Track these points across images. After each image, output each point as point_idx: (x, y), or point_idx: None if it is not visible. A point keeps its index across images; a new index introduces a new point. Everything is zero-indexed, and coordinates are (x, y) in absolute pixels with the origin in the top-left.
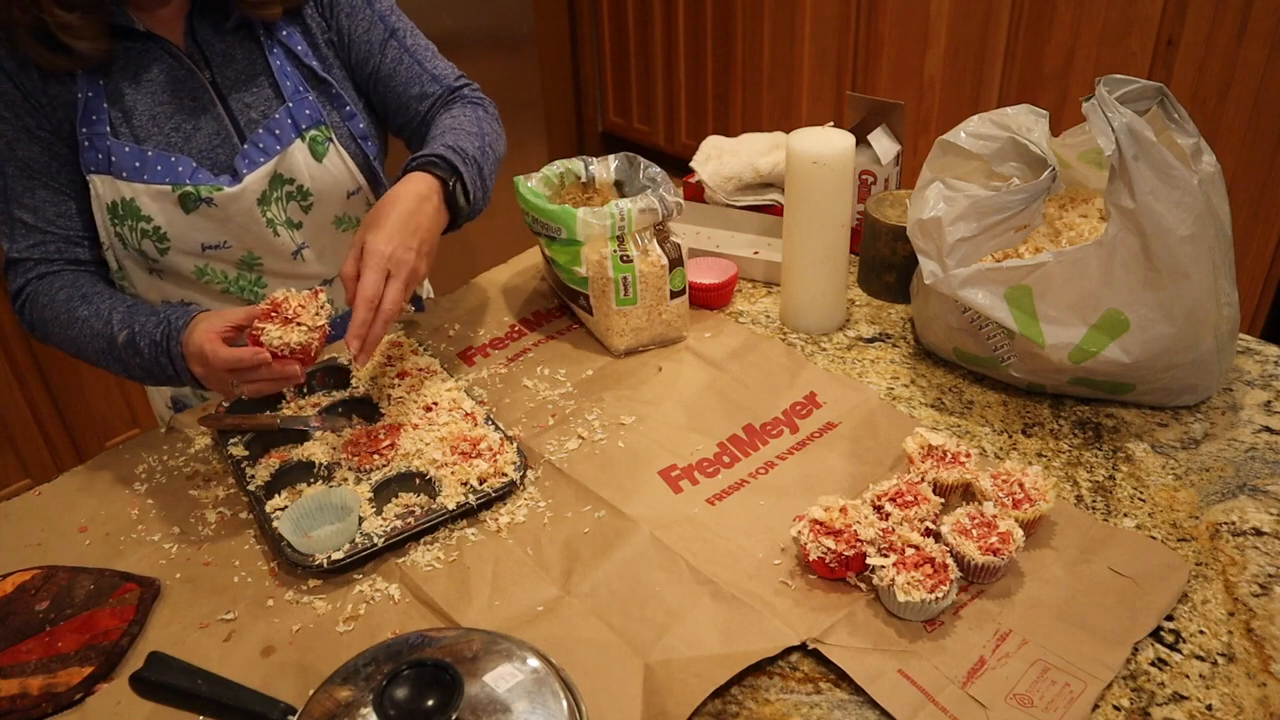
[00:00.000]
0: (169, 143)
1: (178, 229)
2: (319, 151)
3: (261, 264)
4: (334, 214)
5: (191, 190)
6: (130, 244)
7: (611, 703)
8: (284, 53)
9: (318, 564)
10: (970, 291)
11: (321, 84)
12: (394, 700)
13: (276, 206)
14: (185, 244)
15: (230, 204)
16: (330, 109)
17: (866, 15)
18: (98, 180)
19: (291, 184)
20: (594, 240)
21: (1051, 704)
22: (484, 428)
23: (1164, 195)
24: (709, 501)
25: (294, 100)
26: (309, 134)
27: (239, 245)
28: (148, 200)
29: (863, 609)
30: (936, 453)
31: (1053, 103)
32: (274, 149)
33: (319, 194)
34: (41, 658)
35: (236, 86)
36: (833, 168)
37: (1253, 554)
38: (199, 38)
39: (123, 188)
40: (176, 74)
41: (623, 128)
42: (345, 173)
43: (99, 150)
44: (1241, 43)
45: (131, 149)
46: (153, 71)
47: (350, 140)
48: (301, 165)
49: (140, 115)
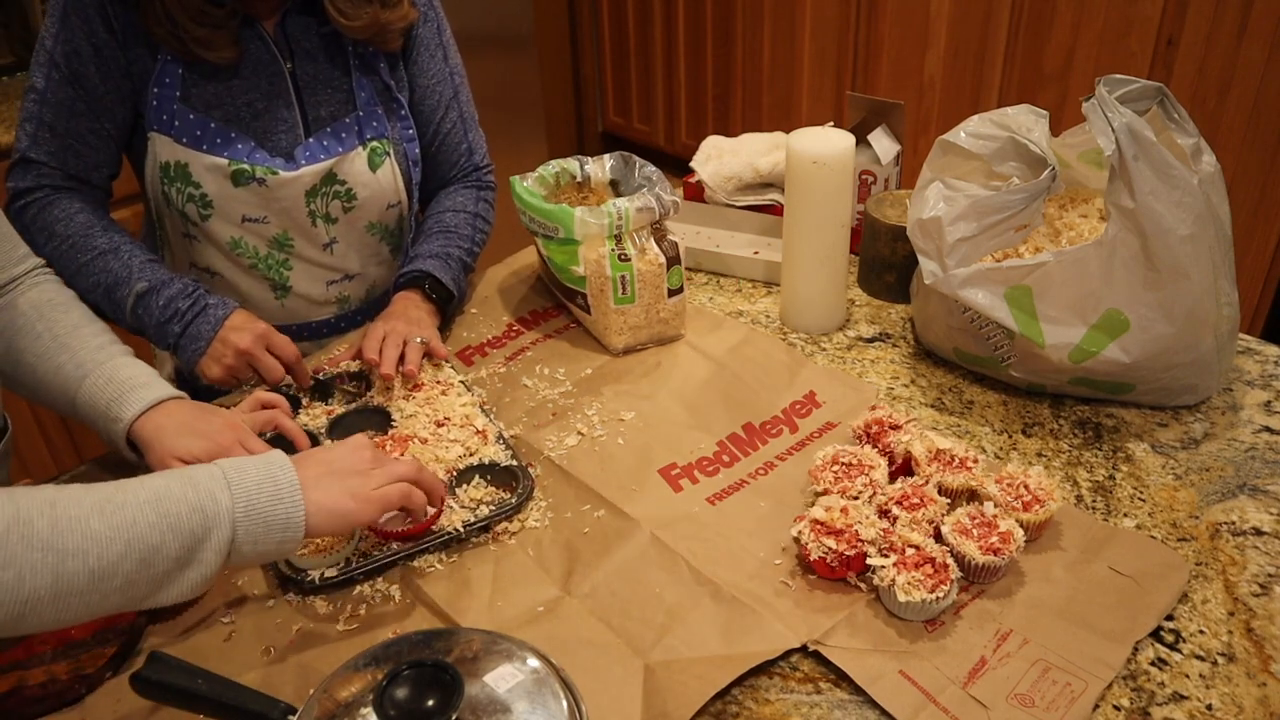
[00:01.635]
0: (236, 117)
1: (224, 199)
2: (376, 162)
3: (293, 246)
4: (370, 219)
5: (246, 168)
6: (175, 205)
7: (611, 703)
8: (364, 65)
9: (310, 580)
10: (970, 291)
11: (393, 102)
12: (394, 700)
13: (321, 200)
14: (228, 214)
15: (280, 188)
16: (395, 126)
17: (866, 15)
18: (158, 139)
19: (342, 185)
20: (591, 239)
21: (1053, 704)
22: (494, 446)
23: (1164, 195)
24: (709, 501)
25: (364, 110)
26: (371, 144)
27: (277, 223)
28: (201, 169)
29: (863, 609)
30: (943, 456)
31: (1053, 103)
32: (335, 150)
33: (364, 200)
34: (57, 647)
35: (313, 84)
36: (833, 168)
37: (1253, 554)
38: (289, 30)
39: (180, 152)
40: (261, 57)
41: (623, 128)
42: (393, 187)
43: (164, 112)
44: (1241, 43)
45: (196, 117)
46: (238, 49)
47: (405, 159)
48: (356, 171)
49: (215, 85)
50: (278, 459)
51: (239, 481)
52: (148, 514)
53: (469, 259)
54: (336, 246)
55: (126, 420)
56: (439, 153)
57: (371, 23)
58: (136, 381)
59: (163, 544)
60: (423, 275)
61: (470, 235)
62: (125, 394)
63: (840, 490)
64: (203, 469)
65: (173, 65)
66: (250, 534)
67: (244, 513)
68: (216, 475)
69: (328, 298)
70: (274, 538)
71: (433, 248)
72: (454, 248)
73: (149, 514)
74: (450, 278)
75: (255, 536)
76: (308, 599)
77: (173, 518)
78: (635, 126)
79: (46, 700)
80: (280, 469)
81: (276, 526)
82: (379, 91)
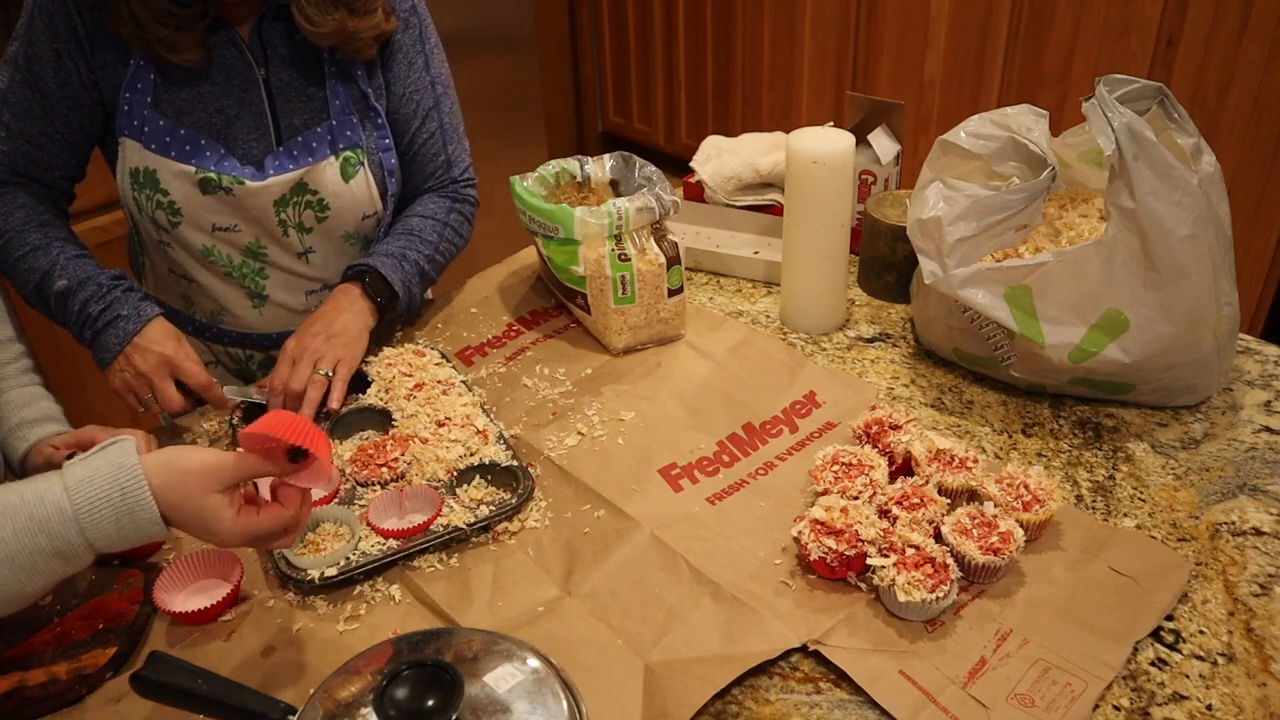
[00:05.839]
0: (207, 124)
1: (192, 207)
2: (349, 173)
3: (267, 255)
4: (346, 230)
5: (214, 177)
6: (145, 211)
7: (611, 703)
8: (341, 73)
9: (310, 580)
10: (970, 291)
11: (370, 111)
12: (394, 700)
13: (293, 209)
14: (197, 221)
15: (248, 197)
16: (370, 135)
17: (866, 15)
18: (128, 144)
19: (314, 195)
20: (591, 239)
21: (1053, 704)
22: (494, 446)
23: (1164, 195)
24: (709, 500)
25: (338, 119)
26: (344, 154)
27: (249, 232)
28: (169, 175)
29: (863, 609)
30: (943, 456)
31: (1053, 103)
32: (306, 160)
33: (337, 210)
34: (57, 647)
35: (287, 92)
36: (833, 168)
37: (1253, 554)
38: (265, 36)
39: (148, 158)
40: (234, 63)
41: (623, 128)
42: (368, 197)
43: (135, 117)
44: (1241, 43)
45: (166, 123)
46: (212, 54)
47: (380, 169)
48: (328, 181)
49: (187, 91)
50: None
51: (90, 515)
52: (2, 572)
53: (428, 266)
54: (313, 256)
55: None
56: (414, 162)
57: (338, 29)
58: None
59: (26, 588)
60: (366, 270)
61: (435, 242)
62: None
63: (840, 490)
64: (51, 507)
65: (145, 70)
66: (112, 546)
67: (104, 542)
68: (67, 519)
69: (307, 307)
70: (138, 540)
71: (389, 247)
72: (413, 251)
73: (3, 571)
74: (400, 279)
75: (117, 545)
76: (308, 599)
77: (29, 569)
78: (635, 126)
79: (46, 700)
80: (134, 490)
81: (138, 537)
82: (355, 100)
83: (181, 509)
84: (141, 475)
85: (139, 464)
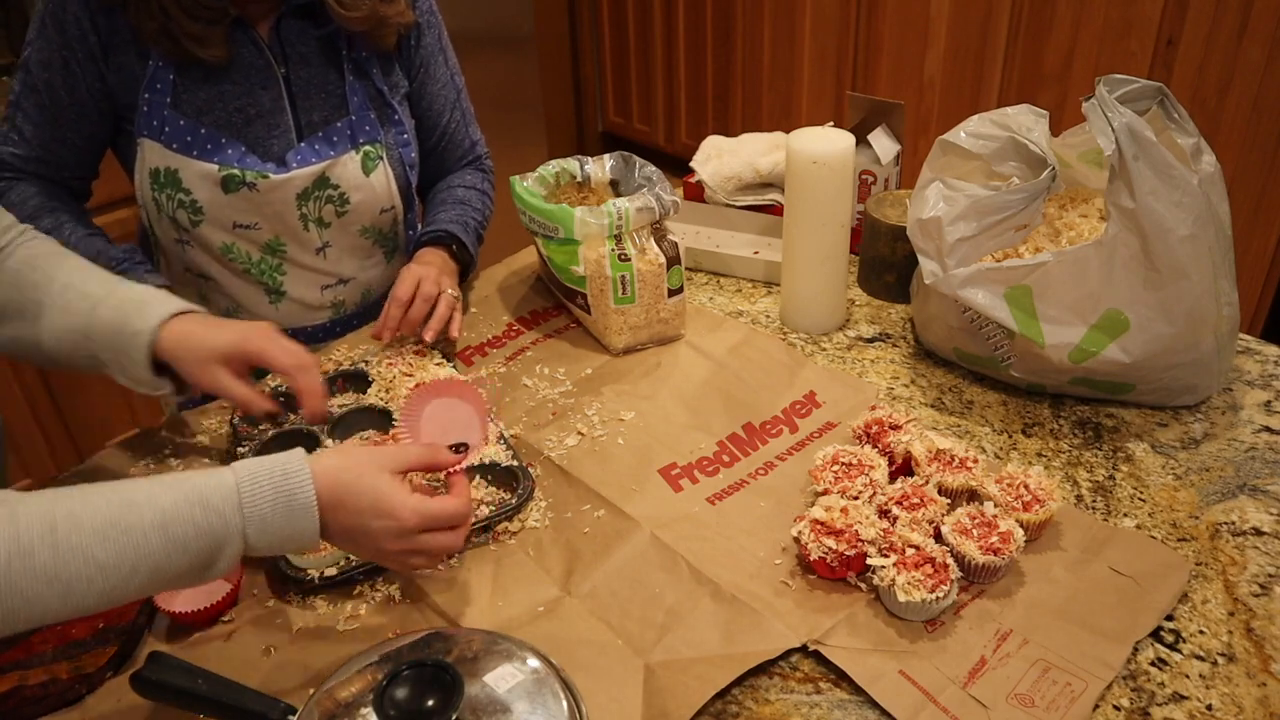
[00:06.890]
0: (228, 122)
1: (214, 206)
2: (369, 166)
3: (286, 251)
4: (364, 224)
5: (237, 173)
6: (165, 210)
7: (611, 703)
8: (358, 70)
9: (310, 580)
10: (970, 291)
11: (387, 108)
12: (394, 700)
13: (314, 203)
14: (219, 220)
15: (271, 191)
16: (388, 131)
17: (866, 15)
18: (147, 145)
19: (335, 189)
20: (591, 239)
21: (1053, 704)
22: (494, 446)
23: (1164, 195)
24: (709, 500)
25: (358, 114)
26: (364, 148)
27: (269, 229)
28: (191, 176)
29: (863, 609)
30: (943, 456)
31: (1053, 103)
32: (328, 154)
33: (357, 204)
34: (58, 646)
35: (307, 88)
36: (833, 168)
37: (1253, 554)
38: (284, 35)
39: (170, 158)
40: (254, 61)
41: (623, 128)
42: (386, 191)
43: (155, 118)
44: (1241, 43)
45: (186, 122)
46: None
47: (399, 164)
48: (349, 174)
49: (207, 90)
50: (295, 478)
51: (252, 499)
52: (154, 539)
53: (481, 231)
54: (330, 251)
55: (147, 331)
56: (446, 148)
57: (370, 14)
58: (150, 297)
59: (172, 564)
60: (449, 236)
61: (481, 209)
62: (141, 309)
63: (840, 490)
64: (215, 483)
65: (164, 70)
66: (265, 544)
67: (257, 532)
68: (229, 494)
69: (322, 302)
70: (289, 546)
71: (450, 215)
72: (469, 218)
73: (155, 539)
74: (471, 242)
75: (270, 545)
76: (308, 599)
77: (180, 541)
78: (635, 126)
79: (47, 700)
80: (299, 488)
81: (291, 540)
82: (372, 97)
83: (353, 489)
84: (304, 461)
85: (304, 455)
